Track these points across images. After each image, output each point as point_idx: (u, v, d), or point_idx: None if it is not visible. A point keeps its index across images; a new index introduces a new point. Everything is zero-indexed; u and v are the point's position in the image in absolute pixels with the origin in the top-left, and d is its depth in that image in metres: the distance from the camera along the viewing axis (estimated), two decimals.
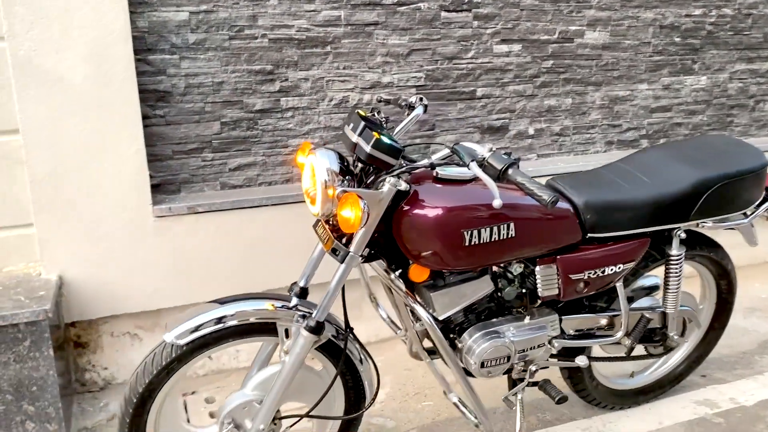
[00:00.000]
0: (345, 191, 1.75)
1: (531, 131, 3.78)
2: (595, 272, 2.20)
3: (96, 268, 2.91)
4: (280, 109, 3.24)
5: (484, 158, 1.74)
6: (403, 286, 2.03)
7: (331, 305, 1.94)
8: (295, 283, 2.06)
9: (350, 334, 2.03)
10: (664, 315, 2.49)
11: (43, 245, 2.82)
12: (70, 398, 2.86)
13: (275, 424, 2.06)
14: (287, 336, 1.96)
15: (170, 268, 3.01)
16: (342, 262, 1.89)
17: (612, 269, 2.22)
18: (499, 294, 2.23)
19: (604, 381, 2.62)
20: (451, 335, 2.21)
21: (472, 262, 2.01)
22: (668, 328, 2.50)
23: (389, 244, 1.98)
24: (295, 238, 3.18)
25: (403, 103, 2.24)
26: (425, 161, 1.87)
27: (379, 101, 2.30)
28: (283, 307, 1.97)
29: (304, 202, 1.98)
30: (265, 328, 1.96)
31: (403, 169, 1.84)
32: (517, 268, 2.17)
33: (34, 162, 2.75)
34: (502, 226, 1.98)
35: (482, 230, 1.95)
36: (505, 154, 1.74)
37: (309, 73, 3.26)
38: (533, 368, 2.27)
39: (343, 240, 1.91)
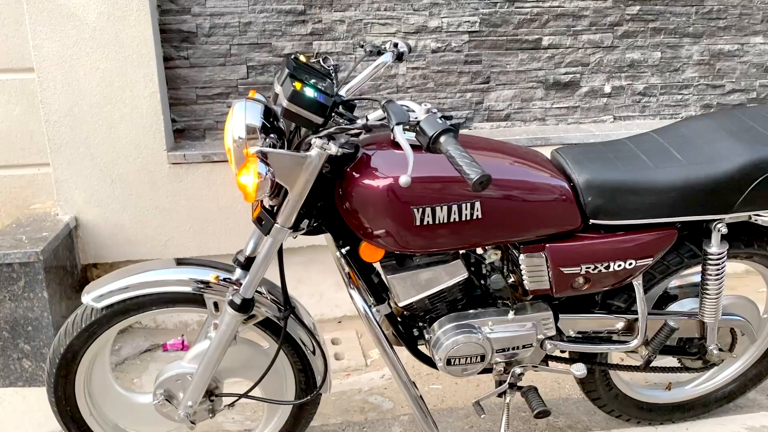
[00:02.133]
0: (261, 151, 1.49)
1: (607, 89, 3.27)
2: (596, 267, 1.80)
3: (111, 212, 2.87)
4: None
5: (418, 122, 1.41)
6: (345, 266, 1.76)
7: (257, 282, 1.71)
8: (240, 251, 1.83)
9: (291, 314, 1.80)
10: (702, 324, 2.03)
11: (59, 186, 2.81)
12: None
13: (212, 401, 1.89)
14: (217, 309, 1.77)
15: (185, 218, 2.91)
16: (266, 234, 1.65)
17: (620, 265, 1.81)
18: (483, 282, 1.89)
19: (625, 389, 2.21)
20: (420, 323, 1.92)
21: (427, 245, 1.69)
22: (707, 340, 2.04)
23: (337, 216, 1.71)
24: None
25: (369, 49, 1.91)
26: (359, 122, 1.56)
27: (361, 46, 1.97)
28: (224, 279, 1.77)
29: None
30: (193, 299, 1.77)
31: (331, 130, 1.54)
32: (491, 255, 1.82)
33: (50, 101, 2.71)
34: (464, 206, 1.64)
35: (437, 209, 1.63)
36: (443, 117, 1.40)
37: (345, 14, 2.98)
38: (518, 371, 1.93)
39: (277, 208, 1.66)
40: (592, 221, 1.78)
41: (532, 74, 3.19)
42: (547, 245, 1.77)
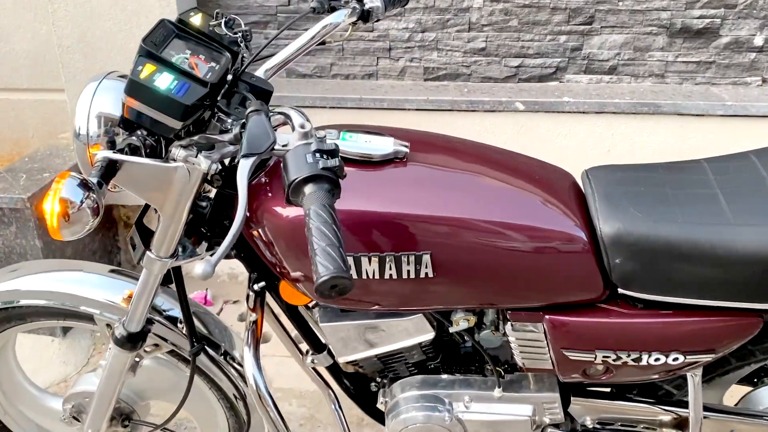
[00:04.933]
0: (107, 158, 1.04)
1: (758, 41, 2.41)
2: (619, 357, 1.20)
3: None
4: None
5: (284, 153, 0.88)
6: (251, 302, 1.31)
7: (142, 316, 1.30)
8: None
9: (202, 351, 1.39)
10: None
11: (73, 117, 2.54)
12: None
13: (126, 426, 1.58)
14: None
15: None
16: (136, 262, 1.22)
17: (659, 359, 1.20)
18: (464, 338, 1.37)
19: None
20: (378, 377, 1.44)
21: (357, 303, 1.19)
22: None
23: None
24: None
25: (314, 4, 1.32)
26: (227, 135, 1.04)
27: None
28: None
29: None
30: (86, 317, 1.42)
31: (183, 143, 1.04)
32: (460, 322, 1.26)
33: (61, 24, 2.41)
34: (405, 259, 1.11)
35: (363, 260, 1.11)
36: (325, 153, 0.86)
37: None
38: None
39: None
40: (621, 291, 1.18)
41: (653, 16, 2.40)
42: (546, 316, 1.20)
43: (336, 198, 0.85)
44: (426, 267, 1.11)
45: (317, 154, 0.85)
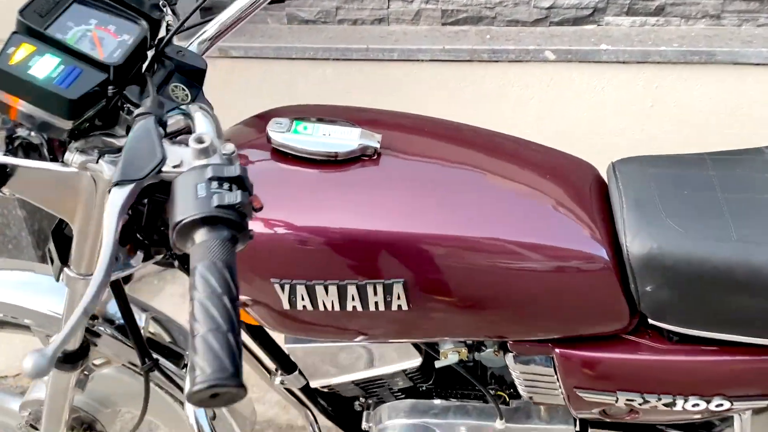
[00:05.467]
0: None
1: None
2: (647, 401, 0.96)
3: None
4: None
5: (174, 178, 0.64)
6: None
7: (77, 333, 1.11)
8: None
9: (155, 367, 1.20)
10: None
11: None
12: None
13: None
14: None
15: None
16: (56, 279, 1.01)
17: (698, 404, 0.95)
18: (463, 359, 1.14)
19: None
20: (361, 398, 1.24)
21: (318, 335, 0.97)
22: None
23: None
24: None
25: None
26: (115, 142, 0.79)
27: None
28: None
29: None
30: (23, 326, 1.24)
31: (78, 144, 0.80)
32: (448, 354, 1.03)
33: None
34: (372, 288, 0.87)
35: (317, 289, 0.88)
36: (227, 183, 0.61)
37: None
38: None
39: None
40: (652, 321, 0.93)
41: None
42: (557, 349, 0.96)
43: (240, 247, 0.61)
44: (398, 298, 0.87)
45: (213, 184, 0.60)
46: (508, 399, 1.14)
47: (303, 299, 0.88)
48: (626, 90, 2.08)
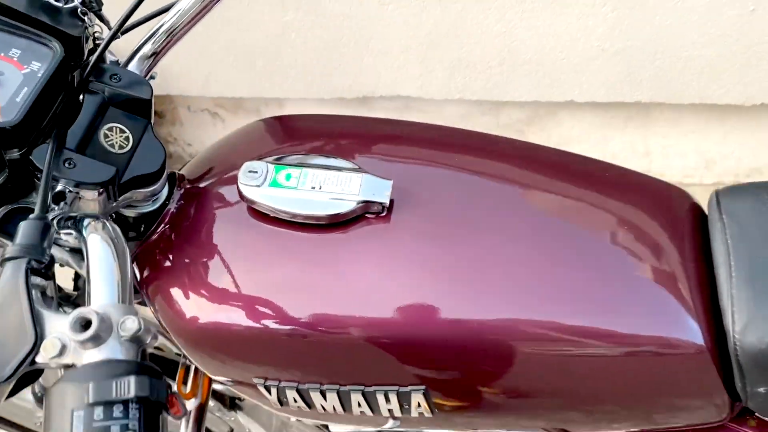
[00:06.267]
0: None
1: None
2: None
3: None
4: None
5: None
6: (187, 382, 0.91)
7: None
8: None
9: None
10: None
11: None
12: None
13: None
14: None
15: (225, 49, 2.10)
16: None
17: None
18: None
19: None
20: None
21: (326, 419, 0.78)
22: None
23: None
24: (400, 27, 1.93)
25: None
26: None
27: None
28: None
29: None
30: None
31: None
32: None
33: None
34: (383, 395, 0.66)
35: (312, 395, 0.67)
36: (117, 407, 0.39)
37: None
38: None
39: None
40: (759, 416, 0.69)
41: None
42: None
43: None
44: (418, 406, 0.66)
45: (97, 412, 0.39)
46: None
47: (296, 401, 0.68)
48: None
